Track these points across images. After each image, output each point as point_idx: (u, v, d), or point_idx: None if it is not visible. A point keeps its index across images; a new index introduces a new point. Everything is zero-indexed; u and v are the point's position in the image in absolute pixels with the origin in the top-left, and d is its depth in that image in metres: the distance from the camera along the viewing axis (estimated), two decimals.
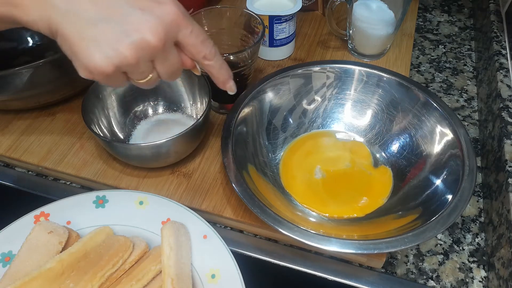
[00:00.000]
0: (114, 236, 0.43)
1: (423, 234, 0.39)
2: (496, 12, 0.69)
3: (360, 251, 0.39)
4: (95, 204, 0.46)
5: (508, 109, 0.54)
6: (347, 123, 0.56)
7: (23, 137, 0.56)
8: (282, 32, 0.62)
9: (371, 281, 0.45)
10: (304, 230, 0.40)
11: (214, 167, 0.52)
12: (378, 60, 0.66)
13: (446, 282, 0.46)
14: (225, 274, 0.41)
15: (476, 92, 0.66)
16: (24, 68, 0.49)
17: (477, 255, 0.48)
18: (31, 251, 0.41)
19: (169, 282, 0.38)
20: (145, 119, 0.57)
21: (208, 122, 0.53)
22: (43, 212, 0.45)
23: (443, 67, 0.70)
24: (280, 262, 0.47)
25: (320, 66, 0.55)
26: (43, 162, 0.53)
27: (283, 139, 0.54)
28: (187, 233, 0.43)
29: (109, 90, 0.53)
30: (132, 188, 0.50)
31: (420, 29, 0.76)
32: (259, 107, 0.53)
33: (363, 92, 0.55)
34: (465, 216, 0.52)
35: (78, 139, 0.56)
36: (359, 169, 0.52)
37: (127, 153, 0.49)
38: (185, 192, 0.50)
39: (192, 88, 0.55)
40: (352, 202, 0.49)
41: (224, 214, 0.48)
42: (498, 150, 0.52)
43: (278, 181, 0.51)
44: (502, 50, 0.63)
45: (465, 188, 0.42)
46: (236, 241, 0.48)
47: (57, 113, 0.59)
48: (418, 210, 0.44)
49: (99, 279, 0.38)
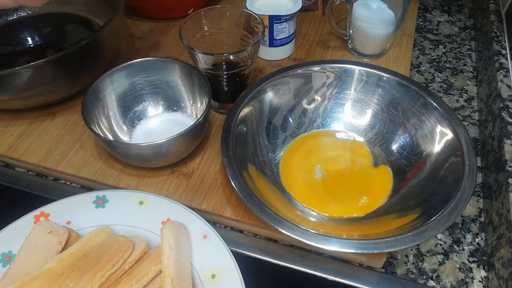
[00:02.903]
0: (114, 236, 0.43)
1: (423, 234, 0.39)
2: (496, 12, 0.69)
3: (360, 251, 0.39)
4: (95, 204, 0.46)
5: (508, 109, 0.54)
6: (347, 122, 0.56)
7: (23, 137, 0.56)
8: (282, 32, 0.62)
9: (371, 281, 0.45)
10: (304, 230, 0.40)
11: (214, 167, 0.52)
12: (378, 60, 0.66)
13: (446, 282, 0.46)
14: (225, 274, 0.41)
15: (476, 92, 0.66)
16: (24, 68, 0.49)
17: (477, 255, 0.48)
18: (31, 251, 0.41)
19: (169, 282, 0.38)
20: (145, 119, 0.57)
21: (208, 122, 0.53)
22: (43, 212, 0.45)
23: (443, 67, 0.70)
24: (280, 262, 0.47)
25: (320, 66, 0.55)
26: (43, 162, 0.53)
27: (283, 139, 0.54)
28: (187, 233, 0.43)
29: (109, 90, 0.53)
30: (132, 188, 0.50)
31: (420, 29, 0.76)
32: (259, 107, 0.53)
33: (363, 91, 0.55)
34: (465, 216, 0.52)
35: (78, 139, 0.56)
36: (359, 169, 0.52)
37: (127, 153, 0.49)
38: (185, 192, 0.50)
39: (192, 88, 0.55)
40: (352, 202, 0.49)
41: (224, 214, 0.48)
42: (498, 150, 0.52)
43: (278, 181, 0.51)
44: (502, 50, 0.63)
45: (465, 188, 0.42)
46: (236, 241, 0.48)
47: (57, 113, 0.59)
48: (418, 210, 0.44)
49: (99, 279, 0.38)
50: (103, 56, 0.59)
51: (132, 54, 0.66)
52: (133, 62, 0.54)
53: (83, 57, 0.55)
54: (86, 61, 0.56)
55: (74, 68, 0.55)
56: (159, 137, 0.46)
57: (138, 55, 0.66)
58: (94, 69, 0.58)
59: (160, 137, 0.46)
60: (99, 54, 0.58)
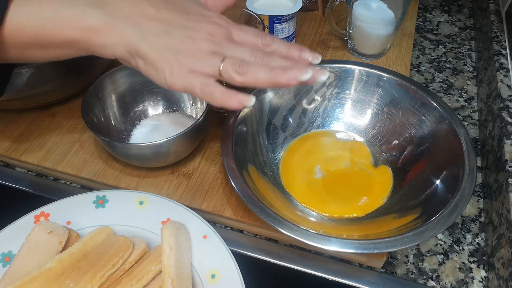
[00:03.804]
0: (114, 236, 0.43)
1: (423, 234, 0.39)
2: (496, 12, 0.69)
3: (360, 251, 0.39)
4: (95, 204, 0.46)
5: (508, 109, 0.54)
6: (347, 122, 0.56)
7: (23, 137, 0.56)
8: (282, 32, 0.62)
9: (371, 281, 0.45)
10: (304, 230, 0.40)
11: (214, 167, 0.52)
12: (378, 60, 0.66)
13: (446, 282, 0.46)
14: (225, 274, 0.41)
15: (476, 92, 0.66)
16: (24, 68, 0.49)
17: (477, 255, 0.48)
18: (31, 251, 0.41)
19: (169, 282, 0.38)
20: (145, 119, 0.57)
21: (208, 122, 0.53)
22: (43, 212, 0.45)
23: (443, 67, 0.70)
24: (280, 262, 0.47)
25: (320, 66, 0.55)
26: (43, 162, 0.53)
27: (283, 139, 0.54)
28: (187, 233, 0.43)
29: (109, 90, 0.53)
30: (132, 188, 0.50)
31: (420, 29, 0.76)
32: (259, 107, 0.53)
33: (363, 91, 0.55)
34: (465, 216, 0.51)
35: (78, 139, 0.56)
36: (359, 169, 0.52)
37: (127, 153, 0.49)
38: (185, 192, 0.50)
39: None
40: (352, 202, 0.49)
41: (224, 214, 0.48)
42: (498, 150, 0.52)
43: (278, 181, 0.51)
44: (502, 50, 0.63)
45: (465, 188, 0.42)
46: (236, 241, 0.48)
47: (57, 113, 0.59)
48: (418, 210, 0.44)
49: (99, 279, 0.38)
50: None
51: None
52: None
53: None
54: (86, 61, 0.56)
55: (74, 68, 0.55)
56: (159, 137, 0.46)
57: None
58: (94, 69, 0.58)
59: (160, 137, 0.46)
60: None
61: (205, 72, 0.36)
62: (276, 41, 0.38)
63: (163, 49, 0.35)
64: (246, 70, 0.35)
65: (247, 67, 0.35)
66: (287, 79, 0.35)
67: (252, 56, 0.36)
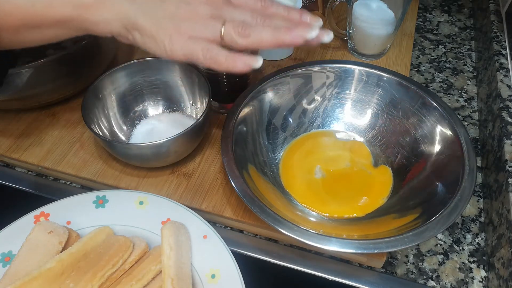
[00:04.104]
0: (114, 236, 0.43)
1: (423, 234, 0.39)
2: (496, 12, 0.69)
3: (360, 251, 0.39)
4: (95, 204, 0.46)
5: (508, 109, 0.54)
6: (347, 122, 0.56)
7: (23, 137, 0.56)
8: None
9: (371, 281, 0.45)
10: (304, 230, 0.40)
11: (214, 167, 0.52)
12: (378, 60, 0.66)
13: (446, 282, 0.46)
14: (225, 274, 0.41)
15: (476, 92, 0.66)
16: (24, 68, 0.49)
17: (477, 255, 0.48)
18: (31, 251, 0.41)
19: (169, 282, 0.38)
20: (145, 119, 0.57)
21: (208, 122, 0.53)
22: (43, 212, 0.45)
23: (443, 67, 0.70)
24: (280, 262, 0.47)
25: (320, 66, 0.55)
26: (43, 162, 0.53)
27: (283, 139, 0.54)
28: (187, 233, 0.43)
29: (109, 90, 0.53)
30: (132, 188, 0.50)
31: (420, 29, 0.76)
32: (259, 107, 0.53)
33: (363, 91, 0.55)
34: (465, 216, 0.51)
35: (78, 139, 0.56)
36: (359, 169, 0.52)
37: (127, 152, 0.49)
38: (185, 192, 0.50)
39: (192, 88, 0.55)
40: (352, 202, 0.49)
41: (224, 214, 0.48)
42: (498, 150, 0.52)
43: (278, 181, 0.51)
44: (502, 50, 0.63)
45: (465, 188, 0.42)
46: (236, 241, 0.48)
47: (57, 113, 0.59)
48: (418, 210, 0.44)
49: (99, 279, 0.38)
50: (103, 56, 0.59)
51: (132, 54, 0.66)
52: (133, 62, 0.54)
53: (83, 57, 0.55)
54: (86, 61, 0.56)
55: (74, 68, 0.55)
56: (159, 137, 0.46)
57: (138, 55, 0.66)
58: (94, 69, 0.58)
59: (160, 137, 0.46)
60: (99, 54, 0.58)
61: (206, 37, 0.35)
62: (275, 4, 0.38)
63: (160, 18, 0.34)
64: (249, 32, 0.34)
65: (250, 29, 0.34)
66: (292, 37, 0.35)
67: (253, 18, 0.36)
